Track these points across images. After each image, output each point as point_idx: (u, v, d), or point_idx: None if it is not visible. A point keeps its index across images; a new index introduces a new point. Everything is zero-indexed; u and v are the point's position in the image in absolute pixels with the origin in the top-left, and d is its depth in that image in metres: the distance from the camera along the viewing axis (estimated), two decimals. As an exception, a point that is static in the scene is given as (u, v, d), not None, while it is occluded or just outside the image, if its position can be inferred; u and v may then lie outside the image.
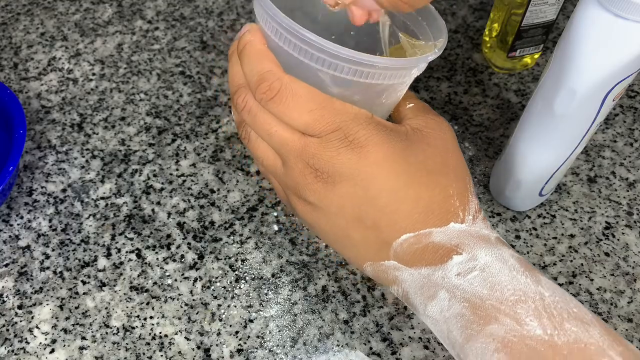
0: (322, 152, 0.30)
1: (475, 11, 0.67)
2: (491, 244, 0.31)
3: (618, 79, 0.37)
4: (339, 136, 0.30)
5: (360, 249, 0.33)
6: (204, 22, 0.65)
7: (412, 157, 0.31)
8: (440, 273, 0.30)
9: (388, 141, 0.31)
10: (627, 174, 0.53)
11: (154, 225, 0.49)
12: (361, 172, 0.30)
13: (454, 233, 0.31)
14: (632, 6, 0.33)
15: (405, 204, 0.31)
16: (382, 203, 0.31)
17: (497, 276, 0.29)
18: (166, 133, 0.55)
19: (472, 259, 0.30)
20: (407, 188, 0.31)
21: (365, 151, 0.30)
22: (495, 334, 0.28)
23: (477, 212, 0.32)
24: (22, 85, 0.59)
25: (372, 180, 0.30)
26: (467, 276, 0.29)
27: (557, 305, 0.28)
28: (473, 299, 0.29)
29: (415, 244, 0.31)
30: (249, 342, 0.43)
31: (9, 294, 0.46)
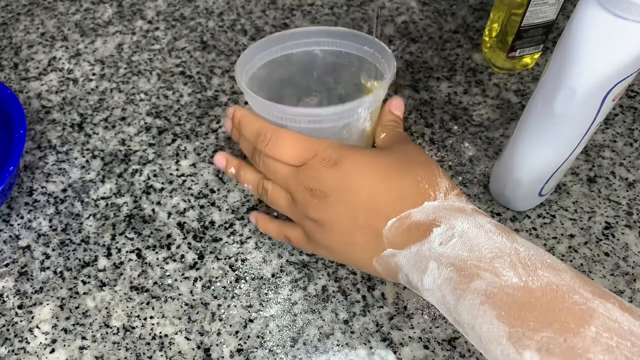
0: (310, 174, 0.38)
1: (475, 11, 0.67)
2: (466, 214, 0.35)
3: (618, 79, 0.37)
4: (319, 159, 0.38)
5: (365, 250, 0.38)
6: (204, 22, 0.65)
7: (382, 159, 0.38)
8: (426, 246, 0.34)
9: (358, 153, 0.38)
10: (626, 174, 0.53)
11: (154, 225, 0.49)
12: (342, 182, 0.37)
13: (430, 209, 0.35)
14: (632, 6, 0.33)
15: (383, 195, 0.36)
16: (366, 200, 0.37)
17: (474, 239, 0.33)
18: (166, 133, 0.55)
19: (450, 228, 0.34)
20: (382, 182, 0.37)
21: (341, 165, 0.37)
22: (479, 288, 0.31)
23: (448, 190, 0.37)
24: (22, 85, 0.59)
25: (352, 185, 0.37)
26: (448, 243, 0.33)
27: (531, 257, 0.32)
28: (456, 262, 0.33)
29: (399, 226, 0.36)
30: (249, 342, 0.43)
31: (9, 294, 0.46)
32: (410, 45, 0.63)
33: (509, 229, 0.34)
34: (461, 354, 0.43)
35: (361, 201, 0.37)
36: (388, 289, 0.46)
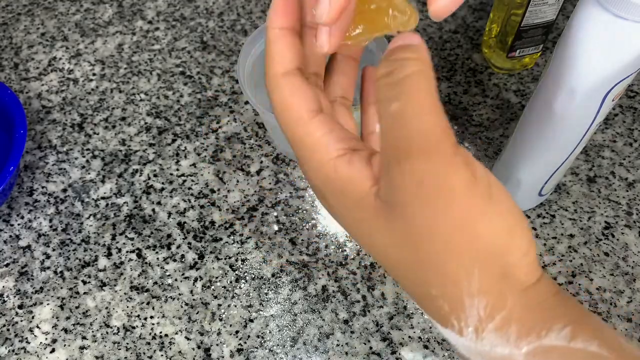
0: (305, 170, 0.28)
1: (475, 11, 0.67)
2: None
3: (618, 79, 0.37)
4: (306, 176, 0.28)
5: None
6: (204, 23, 0.65)
7: (374, 234, 0.24)
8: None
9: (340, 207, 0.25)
10: (626, 174, 0.53)
11: (155, 225, 0.49)
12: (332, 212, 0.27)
13: (459, 343, 0.23)
14: (632, 6, 0.33)
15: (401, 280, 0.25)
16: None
17: None
18: (166, 133, 0.55)
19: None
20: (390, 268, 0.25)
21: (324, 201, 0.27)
22: None
23: (484, 320, 0.22)
24: (22, 85, 0.59)
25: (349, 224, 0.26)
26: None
27: None
28: None
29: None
30: (249, 342, 0.43)
31: (9, 294, 0.46)
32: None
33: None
34: (461, 353, 0.43)
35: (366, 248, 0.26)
36: (388, 288, 0.46)
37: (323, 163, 0.24)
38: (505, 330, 0.22)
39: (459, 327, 0.22)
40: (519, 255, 0.22)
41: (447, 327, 0.23)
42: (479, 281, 0.22)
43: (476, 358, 0.22)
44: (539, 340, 0.21)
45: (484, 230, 0.21)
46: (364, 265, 0.47)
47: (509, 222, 0.22)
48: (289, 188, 0.51)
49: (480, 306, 0.22)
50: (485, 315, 0.22)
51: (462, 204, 0.21)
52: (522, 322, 0.22)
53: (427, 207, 0.21)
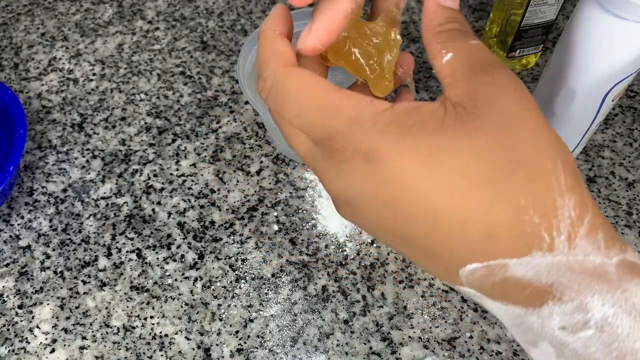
0: (326, 169, 0.24)
1: (475, 11, 0.67)
2: (610, 281, 0.20)
3: (617, 79, 0.37)
4: (338, 146, 0.23)
5: (425, 266, 0.25)
6: (204, 23, 0.65)
7: (450, 159, 0.21)
8: (535, 319, 0.21)
9: (407, 144, 0.22)
10: (626, 174, 0.53)
11: (155, 225, 0.49)
12: (379, 193, 0.22)
13: (543, 267, 0.21)
14: (632, 6, 0.33)
15: (454, 229, 0.22)
16: (424, 230, 0.22)
17: (626, 341, 0.20)
18: (166, 133, 0.56)
19: (580, 310, 0.20)
20: (450, 207, 0.21)
21: (376, 164, 0.22)
22: None
23: (575, 223, 0.21)
24: (22, 85, 0.59)
25: (397, 202, 0.22)
26: (578, 334, 0.20)
27: None
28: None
29: (488, 276, 0.22)
30: (249, 342, 0.43)
31: (9, 294, 0.46)
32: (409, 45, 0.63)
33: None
34: (461, 353, 0.43)
35: (418, 231, 0.23)
36: (388, 288, 0.46)
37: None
38: (595, 236, 0.21)
39: (550, 240, 0.20)
40: (574, 162, 0.23)
41: (531, 251, 0.21)
42: (564, 176, 0.21)
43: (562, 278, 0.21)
44: (622, 253, 0.21)
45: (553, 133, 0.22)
46: (364, 265, 0.47)
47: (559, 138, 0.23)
48: (289, 188, 0.51)
49: (571, 205, 0.21)
50: (576, 217, 0.21)
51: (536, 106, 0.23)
52: (606, 230, 0.21)
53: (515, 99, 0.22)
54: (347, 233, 0.49)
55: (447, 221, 0.22)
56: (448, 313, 0.45)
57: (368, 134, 0.22)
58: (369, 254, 0.48)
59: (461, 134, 0.21)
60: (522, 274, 0.21)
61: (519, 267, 0.21)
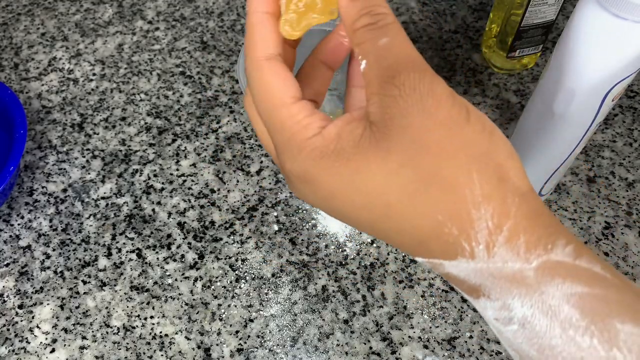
0: (287, 180, 0.27)
1: (475, 11, 0.67)
2: (528, 285, 0.22)
3: (617, 79, 0.37)
4: (280, 161, 0.26)
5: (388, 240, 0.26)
6: (204, 23, 0.65)
7: (368, 180, 0.23)
8: (478, 306, 0.24)
9: (331, 169, 0.23)
10: (626, 174, 0.53)
11: (155, 225, 0.49)
12: (324, 205, 0.25)
13: (469, 270, 0.23)
14: (632, 6, 0.33)
15: (393, 236, 0.24)
16: (371, 232, 0.25)
17: (544, 337, 0.21)
18: (166, 133, 0.56)
19: (504, 308, 0.22)
20: (383, 220, 0.24)
21: (311, 185, 0.24)
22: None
23: (493, 233, 0.22)
24: (22, 85, 0.59)
25: (342, 213, 0.25)
26: (507, 327, 0.23)
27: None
28: (523, 355, 0.23)
29: (435, 268, 0.24)
30: (249, 342, 0.43)
31: (9, 294, 0.46)
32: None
33: (610, 308, 0.21)
34: (461, 353, 0.43)
35: (367, 232, 0.26)
36: (388, 288, 0.46)
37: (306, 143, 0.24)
38: (514, 242, 0.22)
39: (470, 249, 0.22)
40: (505, 157, 0.23)
41: (457, 257, 0.22)
42: (480, 186, 0.22)
43: (487, 282, 0.22)
44: (546, 254, 0.22)
45: (469, 132, 0.22)
46: (364, 265, 0.47)
47: (487, 126, 0.23)
48: (289, 188, 0.51)
49: (488, 215, 0.22)
50: (494, 226, 0.22)
51: (448, 106, 0.22)
52: (528, 233, 0.22)
53: (421, 111, 0.22)
54: (347, 233, 0.49)
55: (386, 230, 0.24)
56: (448, 313, 0.45)
57: (297, 158, 0.24)
58: (369, 254, 0.48)
59: (373, 155, 0.23)
60: (456, 272, 0.23)
61: (451, 267, 0.23)
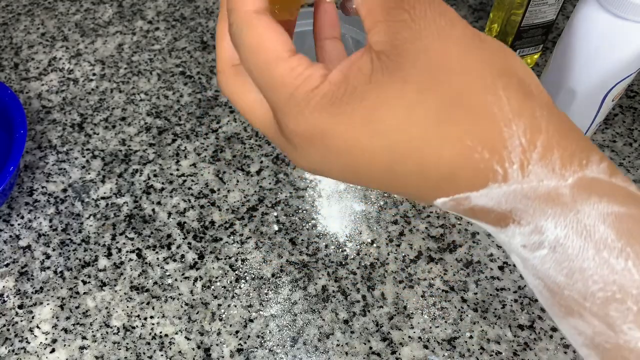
0: (283, 144, 0.25)
1: (475, 11, 0.67)
2: (563, 204, 0.21)
3: (617, 79, 0.37)
4: (282, 123, 0.24)
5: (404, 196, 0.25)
6: (204, 23, 0.65)
7: (386, 117, 0.21)
8: (503, 237, 0.23)
9: (343, 115, 0.22)
10: (626, 174, 0.53)
11: (155, 225, 0.49)
12: (337, 164, 0.23)
13: (500, 196, 0.21)
14: (632, 6, 0.33)
15: (414, 177, 0.22)
16: (389, 182, 0.23)
17: (575, 260, 0.21)
18: (166, 133, 0.56)
19: (536, 232, 0.21)
20: (403, 161, 0.22)
21: (322, 141, 0.22)
22: (581, 329, 0.21)
23: (527, 152, 0.21)
24: (22, 85, 0.59)
25: (356, 168, 0.23)
26: (535, 252, 0.22)
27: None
28: (548, 282, 0.22)
29: (458, 205, 0.23)
30: (249, 342, 0.43)
31: (9, 294, 0.46)
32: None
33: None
34: (461, 353, 0.43)
35: (377, 183, 0.24)
36: (388, 288, 0.46)
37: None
38: (549, 158, 0.21)
39: (503, 171, 0.21)
40: (524, 72, 0.22)
41: (488, 184, 0.21)
42: (508, 102, 0.21)
43: (519, 205, 0.21)
44: (582, 170, 0.21)
45: (487, 50, 0.21)
46: (364, 265, 0.47)
47: (501, 45, 0.22)
48: (289, 188, 0.51)
49: (520, 132, 0.21)
50: (527, 142, 0.21)
51: (462, 26, 0.21)
52: (562, 148, 0.21)
53: (436, 32, 0.21)
54: (347, 233, 0.49)
55: (406, 173, 0.22)
56: (448, 313, 0.45)
57: (303, 113, 0.22)
58: (369, 254, 0.48)
59: (390, 88, 0.21)
60: (484, 202, 0.22)
61: (480, 198, 0.22)
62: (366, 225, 0.49)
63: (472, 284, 0.46)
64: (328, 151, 0.22)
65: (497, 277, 0.46)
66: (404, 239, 0.48)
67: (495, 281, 0.46)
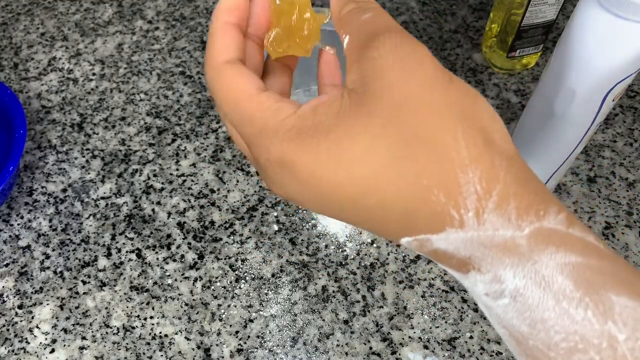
0: (259, 170, 0.25)
1: (475, 11, 0.67)
2: (520, 254, 0.21)
3: (618, 79, 0.37)
4: (255, 154, 0.25)
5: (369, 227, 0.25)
6: (204, 22, 0.65)
7: (349, 150, 0.22)
8: (467, 283, 0.22)
9: (309, 146, 0.22)
10: (626, 174, 0.53)
11: (154, 225, 0.49)
12: (304, 191, 0.24)
13: (459, 242, 0.21)
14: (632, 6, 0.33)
15: (377, 211, 0.22)
16: (354, 215, 0.23)
17: (536, 310, 0.20)
18: (166, 133, 0.55)
19: (496, 280, 0.21)
20: (365, 194, 0.22)
21: (290, 169, 0.23)
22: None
23: (482, 200, 0.21)
24: (22, 85, 0.59)
25: (322, 197, 0.23)
26: (498, 301, 0.21)
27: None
28: (513, 331, 0.21)
29: (421, 247, 0.23)
30: (249, 342, 0.43)
31: (9, 294, 0.46)
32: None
33: (605, 280, 0.20)
34: (461, 354, 0.43)
35: (343, 218, 0.24)
36: (388, 289, 0.46)
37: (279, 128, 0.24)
38: (505, 208, 0.21)
39: (459, 217, 0.21)
40: (489, 120, 0.22)
41: (445, 228, 0.21)
42: (467, 148, 0.21)
43: (477, 252, 0.21)
44: (538, 221, 0.21)
45: (453, 93, 0.22)
46: (364, 265, 0.47)
47: (471, 90, 0.23)
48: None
49: (476, 179, 0.21)
50: (483, 191, 0.21)
51: (432, 67, 0.22)
52: (519, 199, 0.21)
53: (403, 69, 0.22)
54: (347, 233, 0.49)
55: (370, 207, 0.22)
56: (448, 313, 0.45)
57: (273, 143, 0.23)
58: (369, 254, 0.48)
59: (355, 121, 0.22)
60: (444, 246, 0.22)
61: (440, 241, 0.22)
62: (366, 225, 0.49)
63: (472, 284, 0.46)
64: (298, 181, 0.23)
65: (497, 277, 0.46)
66: (404, 239, 0.48)
67: (495, 281, 0.46)
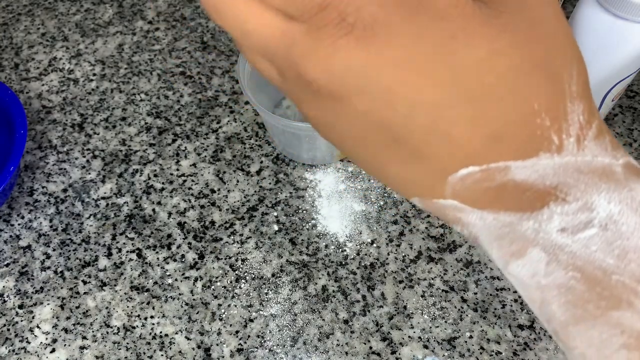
0: (311, 50, 0.19)
1: (475, 11, 0.67)
2: (617, 180, 0.20)
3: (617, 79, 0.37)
4: (331, 19, 0.19)
5: (400, 181, 0.22)
6: (204, 23, 0.65)
7: (461, 49, 0.19)
8: (530, 224, 0.20)
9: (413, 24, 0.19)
10: (626, 174, 0.53)
11: (155, 225, 0.49)
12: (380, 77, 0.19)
13: (549, 168, 0.20)
14: (632, 6, 0.33)
15: (457, 124, 0.20)
16: (420, 123, 0.20)
17: (630, 238, 0.19)
18: (167, 133, 0.56)
19: (584, 209, 0.20)
20: (457, 101, 0.19)
21: (378, 42, 0.18)
22: (626, 324, 0.19)
23: (584, 127, 0.20)
24: (23, 85, 0.59)
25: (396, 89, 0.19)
26: (579, 234, 0.20)
27: None
28: (590, 270, 0.20)
29: (483, 181, 0.20)
30: (249, 342, 0.43)
31: (9, 294, 0.46)
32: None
33: None
34: (461, 353, 0.43)
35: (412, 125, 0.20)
36: (388, 288, 0.46)
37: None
38: (602, 140, 0.20)
39: (559, 142, 0.20)
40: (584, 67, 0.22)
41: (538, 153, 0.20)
42: (576, 84, 0.20)
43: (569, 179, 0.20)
44: (627, 156, 0.21)
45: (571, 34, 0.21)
46: (364, 265, 0.47)
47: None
48: (289, 188, 0.51)
49: (580, 111, 0.20)
50: (584, 122, 0.20)
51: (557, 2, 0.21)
52: (610, 136, 0.21)
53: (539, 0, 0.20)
54: (347, 233, 0.49)
55: (453, 119, 0.20)
56: (448, 313, 0.45)
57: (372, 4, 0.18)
58: (369, 254, 0.48)
59: (480, 28, 0.19)
60: (524, 176, 0.20)
61: (522, 169, 0.20)
62: (366, 225, 0.49)
63: (472, 283, 0.46)
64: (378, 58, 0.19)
65: (497, 277, 0.46)
66: (404, 239, 0.48)
67: (495, 281, 0.46)
